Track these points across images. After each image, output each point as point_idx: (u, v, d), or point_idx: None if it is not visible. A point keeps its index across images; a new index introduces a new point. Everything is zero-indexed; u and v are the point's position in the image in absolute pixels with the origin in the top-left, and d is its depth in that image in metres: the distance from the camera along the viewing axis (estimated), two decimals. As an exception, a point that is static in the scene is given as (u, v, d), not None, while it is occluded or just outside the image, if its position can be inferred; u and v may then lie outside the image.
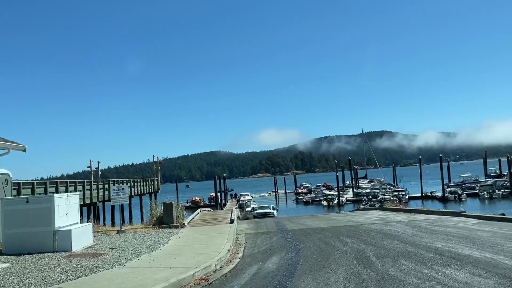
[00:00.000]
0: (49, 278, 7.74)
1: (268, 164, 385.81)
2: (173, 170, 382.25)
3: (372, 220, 17.69)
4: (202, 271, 8.14)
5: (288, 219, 22.57)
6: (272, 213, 39.57)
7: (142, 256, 9.97)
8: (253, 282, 7.34)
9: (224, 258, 9.71)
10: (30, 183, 23.80)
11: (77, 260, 9.51)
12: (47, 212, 11.14)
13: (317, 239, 12.51)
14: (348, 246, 10.65)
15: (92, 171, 58.41)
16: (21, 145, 13.45)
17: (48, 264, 9.12)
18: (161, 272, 7.95)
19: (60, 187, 26.94)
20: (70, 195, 12.35)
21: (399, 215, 19.37)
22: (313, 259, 9.20)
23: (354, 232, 13.66)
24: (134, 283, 7.07)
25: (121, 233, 14.71)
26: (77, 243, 11.33)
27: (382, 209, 24.20)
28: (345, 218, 19.64)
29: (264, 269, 8.42)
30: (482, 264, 7.54)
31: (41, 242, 11.01)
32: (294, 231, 15.06)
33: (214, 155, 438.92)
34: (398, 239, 11.39)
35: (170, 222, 16.05)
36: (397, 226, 14.63)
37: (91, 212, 34.56)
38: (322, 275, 7.51)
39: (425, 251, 9.25)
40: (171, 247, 11.34)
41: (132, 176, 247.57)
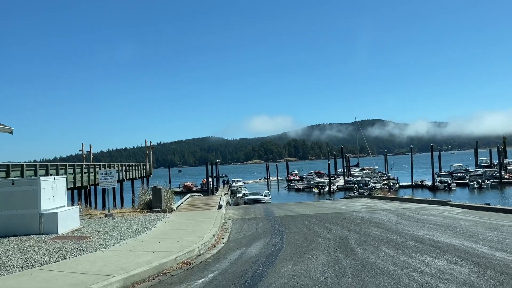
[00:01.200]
0: (32, 260, 7.79)
1: (261, 151, 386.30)
2: (167, 155, 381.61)
3: (359, 207, 17.87)
4: (185, 255, 8.22)
5: (277, 206, 22.72)
6: (262, 199, 39.78)
7: (127, 240, 10.03)
8: (233, 267, 7.43)
9: (209, 243, 9.79)
10: (20, 165, 23.66)
11: (62, 243, 9.56)
12: (33, 194, 11.14)
13: (303, 225, 12.64)
14: (332, 233, 10.78)
15: (84, 154, 58.32)
16: (7, 127, 13.36)
17: (33, 246, 9.15)
18: (144, 255, 8.01)
19: (50, 170, 26.82)
20: (57, 178, 12.34)
21: (387, 203, 19.58)
22: (296, 245, 9.31)
23: (340, 219, 13.81)
24: (116, 266, 7.12)
25: (108, 216, 14.75)
26: (63, 226, 11.36)
27: (371, 197, 24.42)
28: (333, 206, 19.81)
29: (247, 254, 8.52)
30: (460, 252, 7.68)
31: (27, 225, 11.03)
32: (281, 218, 15.18)
33: (207, 141, 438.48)
34: (382, 227, 11.54)
35: (159, 206, 16.11)
36: (383, 214, 14.80)
37: (82, 195, 34.61)
38: (303, 261, 7.61)
39: (406, 239, 9.39)
40: (157, 232, 11.41)
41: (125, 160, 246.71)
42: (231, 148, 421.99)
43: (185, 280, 6.65)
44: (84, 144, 57.57)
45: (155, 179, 63.55)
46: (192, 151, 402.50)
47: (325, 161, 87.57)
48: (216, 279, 6.61)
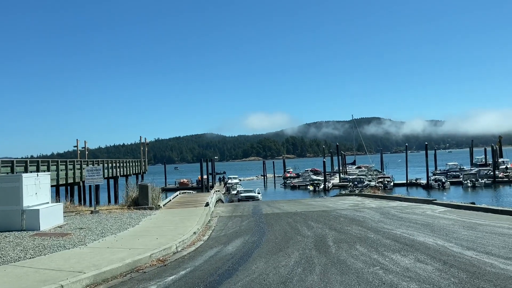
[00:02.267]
0: (7, 256, 7.86)
1: (259, 148, 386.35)
2: (165, 152, 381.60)
3: (346, 205, 17.98)
4: (160, 252, 8.30)
5: (267, 203, 22.83)
6: (256, 196, 39.88)
7: (108, 237, 10.10)
8: (207, 264, 7.51)
9: (188, 240, 9.87)
10: (10, 161, 23.73)
11: (41, 239, 9.63)
12: (15, 191, 11.21)
13: (286, 223, 12.73)
14: (312, 231, 10.88)
15: (79, 150, 58.29)
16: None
17: (11, 243, 9.22)
18: (119, 252, 8.09)
19: (42, 166, 26.86)
20: (40, 175, 12.39)
21: (374, 201, 19.69)
22: (274, 243, 9.40)
23: (324, 217, 13.91)
24: (88, 263, 7.20)
25: (94, 213, 14.81)
26: (45, 222, 11.43)
27: (361, 195, 24.54)
28: (321, 203, 19.92)
29: (223, 252, 8.60)
30: (431, 250, 7.78)
31: (9, 221, 11.10)
32: (267, 215, 15.29)
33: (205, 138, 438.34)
34: (363, 225, 11.64)
35: (145, 203, 16.18)
36: (367, 212, 14.91)
37: (76, 192, 34.62)
38: (276, 258, 7.70)
39: (383, 237, 9.49)
40: (139, 229, 11.49)
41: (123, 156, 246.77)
42: (229, 145, 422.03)
43: (156, 277, 6.72)
44: (80, 141, 57.52)
45: (150, 175, 63.51)
46: (190, 147, 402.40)
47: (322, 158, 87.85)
48: (186, 276, 6.69)
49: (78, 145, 57.47)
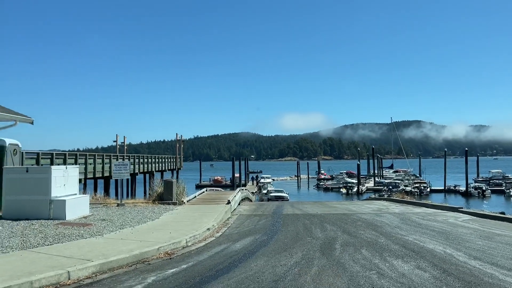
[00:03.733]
0: (28, 242, 8.44)
1: (296, 148, 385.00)
2: (203, 149, 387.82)
3: (369, 210, 17.78)
4: (169, 246, 8.63)
5: (291, 204, 22.92)
6: (285, 197, 40.02)
7: (125, 229, 10.57)
8: (210, 260, 7.76)
9: (200, 236, 10.17)
10: (35, 153, 24.96)
11: (64, 228, 10.22)
12: (44, 182, 11.91)
13: (302, 224, 12.81)
14: (324, 233, 10.91)
15: (118, 145, 60.42)
16: (28, 118, 14.27)
17: (35, 230, 9.86)
18: (130, 244, 8.49)
19: (79, 159, 28.15)
20: (69, 168, 13.10)
21: (400, 206, 19.34)
22: (282, 242, 9.53)
23: (342, 220, 13.86)
24: (98, 252, 7.63)
25: (120, 206, 15.46)
26: (71, 212, 12.08)
27: (389, 200, 24.13)
28: (345, 207, 19.79)
29: (230, 249, 8.83)
30: (436, 258, 7.66)
31: (38, 210, 11.81)
32: (286, 216, 15.40)
33: (242, 136, 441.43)
34: (378, 229, 11.54)
35: (170, 199, 16.69)
36: (388, 217, 14.70)
37: (110, 185, 35.93)
38: (278, 258, 7.84)
39: (392, 242, 9.40)
40: (157, 223, 11.91)
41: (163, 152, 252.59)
42: (266, 144, 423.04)
43: (158, 269, 7.04)
44: (120, 136, 59.65)
45: (186, 172, 65.03)
46: (228, 146, 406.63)
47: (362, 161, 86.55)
48: (186, 270, 6.97)
49: (117, 140, 59.50)
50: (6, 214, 11.87)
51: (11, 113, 13.83)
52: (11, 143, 14.44)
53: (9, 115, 13.56)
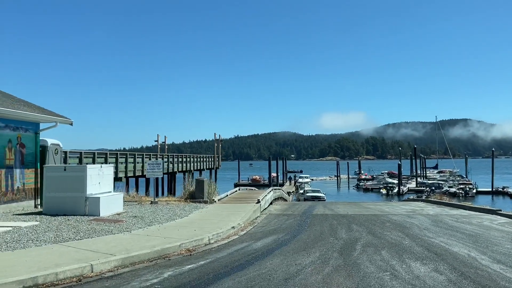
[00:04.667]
0: (61, 236, 8.99)
1: (337, 148, 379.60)
2: (243, 148, 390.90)
3: (403, 211, 17.40)
4: (191, 243, 8.91)
5: (324, 204, 22.78)
6: (322, 197, 39.74)
7: (153, 226, 10.98)
8: (228, 257, 7.96)
9: (224, 234, 10.40)
10: (92, 153, 26.28)
11: (96, 224, 10.78)
12: (80, 180, 12.59)
13: (328, 225, 12.76)
14: (348, 234, 10.84)
15: (159, 145, 62.21)
16: (68, 119, 15.10)
17: (70, 225, 10.47)
18: (154, 240, 8.85)
19: (120, 158, 29.32)
20: (104, 167, 13.75)
21: (436, 208, 18.78)
22: (304, 242, 9.58)
23: (371, 221, 13.67)
24: (123, 247, 8.02)
25: (153, 204, 16.01)
26: (105, 209, 12.68)
27: (426, 201, 23.44)
28: (379, 208, 19.44)
29: (250, 247, 8.99)
30: (457, 261, 7.46)
31: (74, 206, 12.51)
32: (315, 216, 15.37)
33: (282, 136, 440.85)
34: (405, 231, 11.31)
35: (201, 197, 17.09)
36: (419, 219, 14.35)
37: (150, 183, 37.12)
38: (295, 257, 7.92)
39: (416, 244, 9.22)
40: (185, 220, 12.27)
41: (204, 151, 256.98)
42: (306, 143, 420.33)
43: (176, 265, 7.32)
44: (161, 135, 61.47)
45: (224, 171, 66.06)
46: (268, 145, 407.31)
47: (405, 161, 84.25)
48: (202, 266, 7.20)
49: (158, 139, 61.47)
50: (46, 210, 12.65)
51: (52, 114, 14.68)
52: (53, 143, 15.34)
53: (50, 117, 14.42)
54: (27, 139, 14.24)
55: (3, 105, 13.04)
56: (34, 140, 14.51)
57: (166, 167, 38.86)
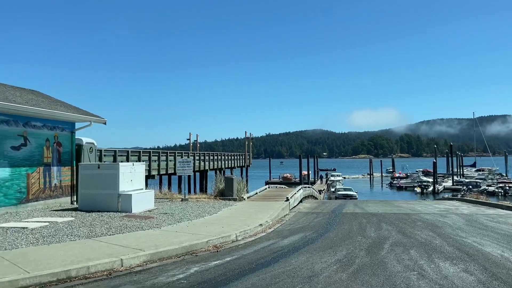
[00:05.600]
0: (94, 232, 9.33)
1: (370, 146, 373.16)
2: (274, 146, 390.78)
3: (436, 210, 16.95)
4: (218, 239, 9.04)
5: (355, 203, 22.50)
6: (354, 195, 39.23)
7: (182, 222, 11.20)
8: (254, 254, 8.03)
9: (251, 231, 10.48)
10: (125, 151, 27.01)
11: (127, 220, 11.11)
12: (113, 177, 13.00)
13: (357, 223, 12.62)
14: (377, 233, 10.69)
15: (191, 143, 63.22)
16: (102, 119, 15.59)
17: (103, 221, 10.83)
18: (182, 236, 9.03)
19: (153, 156, 29.97)
20: (136, 165, 14.12)
21: (472, 207, 18.17)
22: (330, 240, 9.53)
23: (402, 220, 13.41)
24: (152, 243, 8.24)
25: (184, 201, 16.31)
26: (137, 206, 13.04)
27: (461, 200, 22.70)
28: (411, 206, 19.03)
29: (276, 244, 9.03)
30: (488, 262, 7.23)
31: (107, 203, 12.93)
32: (344, 214, 15.23)
33: (315, 133, 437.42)
34: (436, 231, 11.04)
35: (230, 195, 17.27)
36: (453, 218, 13.94)
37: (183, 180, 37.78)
38: (320, 255, 7.90)
39: (447, 244, 8.98)
40: (214, 217, 12.44)
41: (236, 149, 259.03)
42: (338, 141, 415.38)
43: (203, 261, 7.46)
44: (193, 134, 62.54)
45: (255, 169, 66.34)
46: (299, 143, 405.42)
47: (442, 159, 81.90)
48: (228, 262, 7.30)
49: (190, 138, 62.50)
50: (82, 206, 13.14)
51: (87, 114, 15.21)
52: (88, 142, 15.89)
53: (85, 116, 14.94)
54: (64, 138, 14.83)
55: (41, 105, 13.63)
56: (70, 139, 15.09)
57: (198, 165, 39.44)
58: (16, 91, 14.77)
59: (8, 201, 12.48)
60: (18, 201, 12.87)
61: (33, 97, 14.83)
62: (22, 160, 13.05)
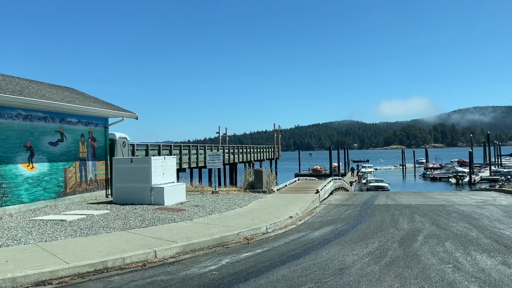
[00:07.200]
0: (128, 224, 9.59)
1: (402, 136, 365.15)
2: (304, 138, 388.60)
3: (472, 201, 16.45)
4: (249, 231, 9.10)
5: (387, 194, 22.11)
6: (386, 187, 38.57)
7: (213, 214, 11.34)
8: (284, 246, 8.05)
9: (281, 223, 10.49)
10: (157, 145, 27.55)
11: (160, 213, 11.35)
12: (146, 171, 13.29)
13: (389, 215, 12.42)
14: (410, 225, 10.49)
15: (221, 137, 63.71)
16: (133, 114, 15.94)
17: (136, 214, 11.11)
18: (213, 228, 9.15)
19: (183, 150, 30.42)
20: (167, 158, 14.37)
21: (510, 198, 17.51)
22: (362, 232, 9.42)
23: (436, 212, 13.10)
24: (184, 235, 8.39)
25: (214, 194, 16.50)
26: (169, 199, 13.29)
27: (499, 191, 21.92)
28: (445, 198, 18.53)
29: (307, 237, 9.01)
30: (529, 255, 6.97)
31: (141, 196, 13.24)
32: (376, 206, 15.01)
33: (345, 125, 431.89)
34: (473, 222, 10.72)
35: (260, 187, 17.33)
36: (491, 209, 13.50)
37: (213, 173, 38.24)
38: (352, 247, 7.83)
39: (484, 236, 8.72)
40: (244, 210, 12.52)
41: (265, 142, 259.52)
42: (370, 132, 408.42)
43: (234, 252, 7.54)
44: (222, 127, 63.06)
45: (284, 161, 66.22)
46: (329, 134, 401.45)
47: (478, 148, 79.25)
48: (259, 254, 7.35)
49: (220, 131, 63.07)
50: (116, 199, 13.52)
51: (119, 109, 15.59)
52: (120, 137, 16.29)
53: (118, 112, 15.31)
54: (97, 133, 15.26)
55: (75, 102, 14.06)
56: (103, 134, 15.52)
57: (228, 158, 39.77)
58: (52, 88, 15.29)
59: (47, 195, 12.99)
60: (57, 195, 13.37)
61: (68, 94, 15.31)
62: (59, 155, 13.54)
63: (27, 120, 12.38)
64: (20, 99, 11.44)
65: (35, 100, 11.96)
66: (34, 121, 12.63)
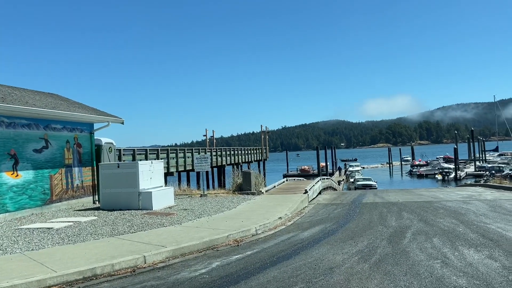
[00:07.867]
0: (116, 230, 9.49)
1: (388, 134, 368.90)
2: (291, 139, 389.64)
3: (458, 197, 16.69)
4: (238, 234, 9.09)
5: (375, 192, 22.31)
6: (373, 185, 38.92)
7: (202, 218, 11.30)
8: (274, 247, 8.06)
9: (271, 224, 10.50)
10: (144, 150, 27.35)
11: (148, 217, 11.26)
12: (133, 176, 13.18)
13: (378, 213, 12.52)
14: (398, 222, 10.59)
15: (208, 139, 63.44)
16: (119, 118, 15.80)
17: (125, 219, 11.01)
18: (203, 232, 9.11)
19: (171, 154, 30.21)
20: (154, 163, 14.27)
21: (496, 193, 17.83)
22: (351, 231, 9.49)
23: (423, 208, 13.26)
24: (173, 239, 8.34)
25: (203, 197, 16.44)
26: (157, 203, 13.20)
27: (484, 186, 22.30)
28: (432, 194, 18.78)
29: (296, 237, 9.04)
30: (515, 248, 7.10)
31: (128, 201, 13.12)
32: (364, 204, 15.13)
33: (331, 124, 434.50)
34: (459, 218, 10.88)
35: (248, 189, 17.32)
36: (476, 204, 13.72)
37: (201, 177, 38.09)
38: (341, 246, 7.88)
39: (471, 231, 8.85)
40: (233, 212, 12.50)
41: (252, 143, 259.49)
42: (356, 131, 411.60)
43: (224, 255, 7.52)
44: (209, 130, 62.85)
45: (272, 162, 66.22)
46: (316, 134, 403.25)
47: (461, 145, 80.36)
48: (249, 256, 7.34)
49: (207, 134, 62.85)
50: (103, 205, 13.37)
51: (104, 115, 15.44)
52: (107, 142, 16.13)
53: (103, 117, 15.16)
54: (83, 139, 15.09)
55: (59, 108, 13.88)
56: (89, 140, 15.34)
57: (215, 161, 39.63)
58: (36, 95, 15.07)
59: (33, 203, 12.79)
60: (43, 202, 13.18)
61: (52, 100, 15.11)
62: (44, 163, 13.34)
63: (10, 127, 12.18)
64: (2, 106, 11.25)
65: (18, 107, 11.78)
66: (17, 129, 12.44)
